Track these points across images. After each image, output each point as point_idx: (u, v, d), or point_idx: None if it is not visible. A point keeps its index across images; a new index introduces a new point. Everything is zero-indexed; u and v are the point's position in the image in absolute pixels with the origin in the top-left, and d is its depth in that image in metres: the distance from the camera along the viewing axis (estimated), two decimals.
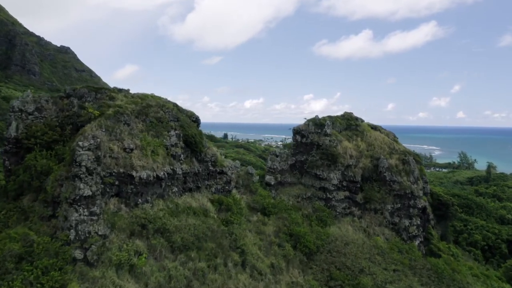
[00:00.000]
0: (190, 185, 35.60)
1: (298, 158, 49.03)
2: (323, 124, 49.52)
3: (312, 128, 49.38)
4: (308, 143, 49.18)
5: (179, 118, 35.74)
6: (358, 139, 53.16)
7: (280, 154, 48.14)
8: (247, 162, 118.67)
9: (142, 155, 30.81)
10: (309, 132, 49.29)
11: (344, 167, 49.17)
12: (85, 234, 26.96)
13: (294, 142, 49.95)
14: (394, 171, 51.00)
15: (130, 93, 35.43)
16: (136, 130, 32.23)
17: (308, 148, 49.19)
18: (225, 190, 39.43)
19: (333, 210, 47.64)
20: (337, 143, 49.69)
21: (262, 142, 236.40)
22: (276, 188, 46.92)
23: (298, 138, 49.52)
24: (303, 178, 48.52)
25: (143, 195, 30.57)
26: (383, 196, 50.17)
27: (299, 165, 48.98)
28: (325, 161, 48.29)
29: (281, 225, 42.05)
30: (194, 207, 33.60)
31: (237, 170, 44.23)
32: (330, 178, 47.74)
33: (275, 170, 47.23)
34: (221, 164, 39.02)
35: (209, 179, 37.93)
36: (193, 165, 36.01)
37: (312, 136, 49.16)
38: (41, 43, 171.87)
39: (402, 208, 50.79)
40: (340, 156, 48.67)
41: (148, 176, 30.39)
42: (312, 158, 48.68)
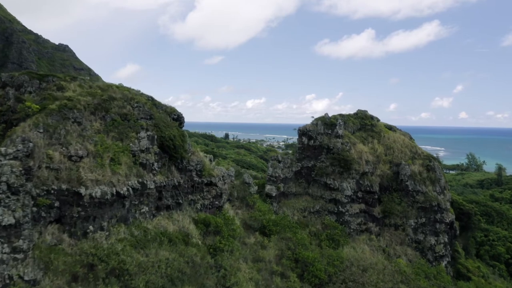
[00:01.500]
0: (167, 201, 26.62)
1: (305, 164, 39.93)
2: (334, 124, 40.41)
3: (321, 128, 40.28)
4: (316, 146, 40.07)
5: (153, 115, 26.76)
6: (374, 142, 44.03)
7: (283, 160, 39.06)
8: (247, 163, 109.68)
9: (96, 164, 21.84)
10: (317, 133, 40.18)
11: (359, 175, 40.07)
12: (4, 280, 18.14)
13: (300, 145, 40.87)
14: (417, 180, 41.85)
15: (89, 82, 26.48)
16: (91, 130, 23.25)
17: (317, 152, 40.08)
18: (215, 206, 30.44)
19: (347, 226, 38.54)
20: (351, 146, 40.60)
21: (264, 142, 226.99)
22: (278, 200, 37.89)
23: (304, 140, 40.41)
24: (311, 188, 39.46)
25: (96, 220, 21.58)
26: (405, 209, 41.03)
27: (306, 172, 39.91)
28: (336, 168, 39.21)
29: (284, 247, 32.99)
30: (170, 233, 24.61)
31: (231, 179, 35.27)
32: (342, 188, 38.66)
33: (277, 179, 38.14)
34: (210, 173, 30.02)
35: (194, 192, 28.95)
36: (172, 175, 27.01)
37: (321, 137, 40.04)
38: (39, 41, 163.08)
39: (427, 224, 41.64)
40: (355, 161, 39.58)
41: (103, 193, 21.41)
42: (321, 164, 39.60)
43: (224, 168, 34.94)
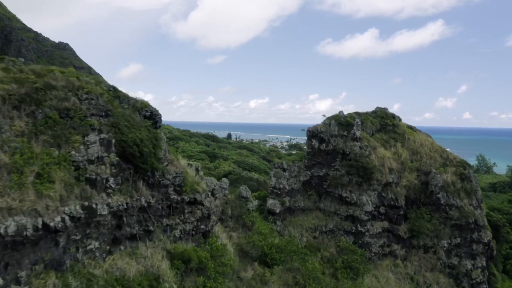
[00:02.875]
0: (130, 230, 18.72)
1: (315, 173, 31.89)
2: (350, 124, 32.33)
3: (335, 129, 32.20)
4: (329, 150, 31.98)
5: (111, 111, 18.82)
6: (397, 145, 35.89)
7: (289, 167, 30.94)
8: (249, 165, 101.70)
9: (11, 184, 14.02)
10: (330, 135, 32.09)
11: (382, 186, 32.02)
12: None
13: (309, 149, 32.78)
14: (450, 191, 33.70)
15: (20, 65, 18.60)
16: (10, 133, 15.40)
17: (330, 158, 32.03)
18: (200, 230, 22.51)
19: (367, 249, 30.51)
20: (371, 151, 32.55)
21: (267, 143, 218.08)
22: (283, 217, 29.89)
23: (315, 143, 32.30)
24: (322, 201, 31.46)
25: (10, 269, 13.77)
26: (436, 228, 32.91)
27: (317, 182, 31.89)
28: (354, 177, 31.20)
29: (291, 282, 25.00)
30: (130, 278, 16.74)
31: (224, 193, 27.34)
32: (362, 202, 30.66)
33: (281, 191, 30.07)
34: (193, 188, 22.04)
35: (171, 215, 21.03)
36: (138, 194, 19.07)
37: (335, 140, 31.97)
38: (38, 39, 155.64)
39: (463, 244, 33.53)
40: (376, 169, 31.52)
41: (20, 228, 13.56)
42: (335, 172, 31.59)
43: (214, 179, 27.00)
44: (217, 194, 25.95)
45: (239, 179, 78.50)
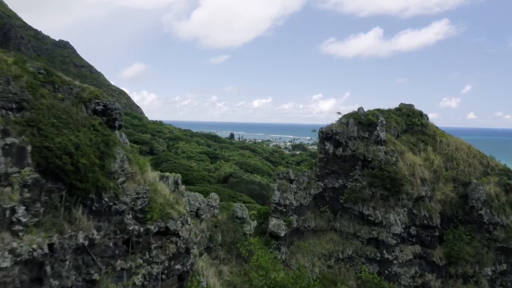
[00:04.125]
0: (61, 283, 11.99)
1: (330, 184, 24.98)
2: (373, 124, 25.38)
3: (354, 130, 25.24)
4: (347, 156, 25.03)
5: (27, 102, 11.99)
6: (428, 149, 28.86)
7: (297, 178, 23.92)
8: (252, 166, 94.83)
9: None
10: (348, 136, 25.13)
11: (413, 201, 25.09)
12: None
13: (321, 155, 25.76)
14: (495, 206, 26.61)
15: None
16: None
17: (348, 165, 25.10)
18: (174, 273, 15.64)
19: (395, 282, 23.61)
20: (398, 157, 25.66)
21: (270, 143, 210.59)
22: (289, 241, 22.99)
23: (329, 147, 25.30)
24: (339, 220, 24.58)
25: None
26: (478, 252, 25.84)
27: (331, 196, 24.99)
28: (379, 190, 24.30)
29: None
30: None
31: (213, 213, 20.52)
32: (389, 221, 23.78)
33: (287, 208, 23.10)
34: (164, 214, 15.16)
35: (129, 254, 14.22)
36: (75, 227, 12.31)
37: (355, 144, 25.02)
38: (38, 37, 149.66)
39: (509, 271, 26.53)
40: (406, 180, 24.59)
41: None
42: (354, 184, 24.71)
43: (200, 195, 20.15)
44: (204, 215, 19.22)
45: (240, 183, 71.64)
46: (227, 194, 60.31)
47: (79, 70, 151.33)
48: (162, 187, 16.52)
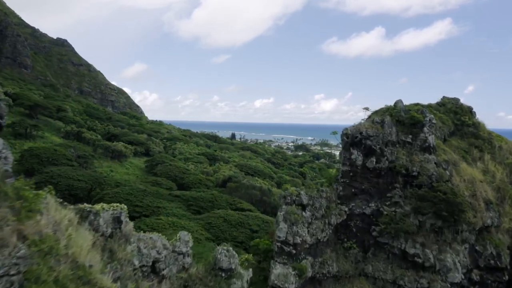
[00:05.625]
0: None
1: (357, 209, 16.95)
2: (418, 123, 17.33)
3: (392, 132, 17.19)
4: (382, 169, 16.97)
5: None
6: (485, 158, 20.68)
7: (311, 201, 15.87)
8: (252, 169, 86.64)
9: None
10: (384, 141, 17.04)
11: (475, 234, 17.20)
12: None
13: (346, 167, 17.55)
14: None
15: None
16: None
17: (384, 182, 17.06)
18: None
19: None
20: (452, 171, 17.73)
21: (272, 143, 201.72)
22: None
23: (356, 156, 17.13)
24: (370, 262, 16.66)
25: None
26: None
27: (360, 226, 17.02)
28: (429, 219, 16.31)
29: None
30: None
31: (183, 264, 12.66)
32: (444, 265, 15.88)
33: (298, 248, 15.11)
34: None
35: None
36: None
37: (393, 151, 16.95)
38: (35, 35, 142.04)
39: None
40: (467, 205, 16.70)
41: None
42: (393, 209, 16.72)
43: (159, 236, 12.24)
44: (166, 269, 11.44)
45: (239, 188, 63.63)
46: (225, 200, 52.14)
47: (77, 68, 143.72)
48: (79, 236, 8.53)
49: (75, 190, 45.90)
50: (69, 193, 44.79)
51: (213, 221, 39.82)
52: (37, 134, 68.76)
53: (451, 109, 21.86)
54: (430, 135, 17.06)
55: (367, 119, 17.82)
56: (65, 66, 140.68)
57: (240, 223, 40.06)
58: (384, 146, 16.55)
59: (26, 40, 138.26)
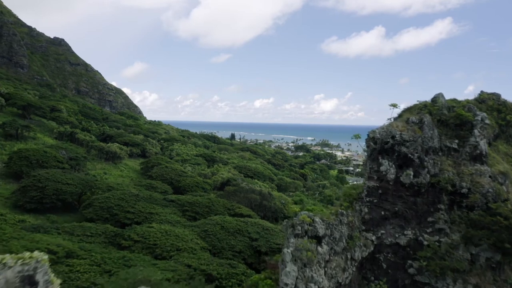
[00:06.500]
0: None
1: (387, 237, 12.68)
2: (467, 122, 13.10)
3: (434, 135, 12.95)
4: (422, 185, 12.67)
5: None
6: None
7: (329, 231, 11.56)
8: (252, 170, 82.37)
9: None
10: (424, 148, 12.75)
11: None
12: None
13: (373, 182, 13.10)
14: None
15: None
16: None
17: (424, 202, 12.79)
18: None
19: None
20: (508, 186, 13.49)
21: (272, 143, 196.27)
22: None
23: (388, 168, 12.72)
24: None
25: None
26: None
27: (391, 261, 12.76)
28: (485, 252, 12.20)
29: None
30: None
31: None
32: None
33: None
34: None
35: None
36: None
37: (436, 162, 12.76)
38: (32, 34, 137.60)
39: None
40: None
41: None
42: (436, 238, 12.52)
43: None
44: None
45: (238, 191, 59.33)
46: (223, 205, 47.83)
47: (74, 68, 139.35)
48: None
49: (63, 195, 41.77)
50: (57, 198, 40.72)
51: (209, 228, 35.79)
52: (29, 135, 64.63)
53: (492, 106, 17.46)
54: (482, 139, 12.71)
55: (398, 118, 13.45)
56: (62, 66, 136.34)
57: (238, 230, 36.00)
58: (424, 154, 12.17)
59: (23, 39, 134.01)
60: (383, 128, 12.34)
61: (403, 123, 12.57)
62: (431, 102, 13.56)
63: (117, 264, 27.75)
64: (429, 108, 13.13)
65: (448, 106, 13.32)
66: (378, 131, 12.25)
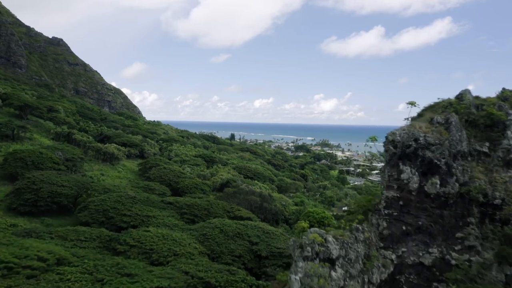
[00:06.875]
0: None
1: (410, 256, 10.72)
2: (500, 123, 11.32)
3: (462, 137, 11.17)
4: (450, 196, 10.79)
5: None
6: None
7: (343, 251, 9.77)
8: (252, 171, 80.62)
9: None
10: (452, 152, 10.97)
11: None
12: None
13: (393, 192, 10.99)
14: None
15: None
16: None
17: (451, 215, 10.94)
18: None
19: None
20: None
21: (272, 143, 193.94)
22: None
23: (410, 176, 10.63)
24: None
25: None
26: None
27: (414, 284, 11.01)
28: None
29: None
30: None
31: None
32: None
33: None
34: None
35: None
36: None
37: (465, 168, 11.00)
38: (30, 34, 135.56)
39: None
40: None
41: None
42: (466, 256, 10.79)
43: None
44: None
45: (238, 193, 57.56)
46: (222, 207, 45.96)
47: (72, 68, 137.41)
48: None
49: (58, 197, 39.88)
50: (52, 201, 38.93)
51: (208, 232, 33.99)
52: (25, 135, 62.76)
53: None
54: None
55: (419, 118, 11.67)
56: (61, 66, 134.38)
57: (238, 234, 34.20)
58: (452, 159, 10.41)
59: (21, 39, 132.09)
60: (404, 129, 10.55)
61: (427, 124, 10.79)
62: (456, 99, 11.80)
63: (110, 272, 25.81)
64: (455, 106, 11.36)
65: (476, 104, 11.57)
66: (399, 133, 10.45)
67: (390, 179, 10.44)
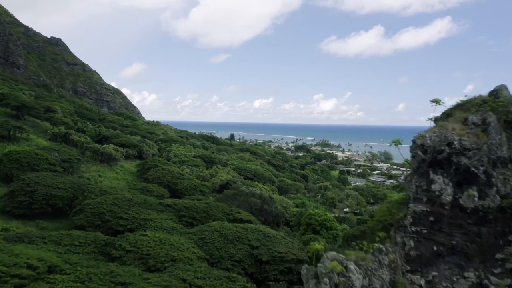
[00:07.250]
0: None
1: (442, 282, 9.19)
2: None
3: (503, 140, 9.52)
4: (490, 211, 9.26)
5: None
6: None
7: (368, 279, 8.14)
8: (252, 172, 78.96)
9: None
10: (491, 158, 9.43)
11: None
12: None
13: (422, 206, 9.38)
14: None
15: None
16: None
17: (490, 233, 9.38)
18: None
19: None
20: None
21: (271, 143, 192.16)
22: None
23: (441, 186, 8.82)
24: None
25: None
26: None
27: None
28: None
29: None
30: None
31: None
32: None
33: None
34: None
35: None
36: None
37: (507, 178, 9.46)
38: (29, 34, 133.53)
39: None
40: None
41: None
42: (507, 281, 9.32)
43: None
44: None
45: (237, 195, 55.99)
46: (221, 210, 44.25)
47: (71, 68, 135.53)
48: None
49: (53, 200, 38.21)
50: (47, 203, 37.38)
51: (207, 235, 32.36)
52: (22, 136, 61.11)
53: None
54: None
55: (448, 118, 10.00)
56: (59, 66, 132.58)
57: (238, 237, 32.57)
58: (491, 167, 8.74)
59: (19, 39, 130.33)
60: (435, 131, 8.85)
61: (460, 125, 9.10)
62: (491, 96, 10.13)
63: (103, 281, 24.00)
64: (491, 104, 9.67)
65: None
66: (429, 135, 8.74)
67: (419, 190, 8.76)
